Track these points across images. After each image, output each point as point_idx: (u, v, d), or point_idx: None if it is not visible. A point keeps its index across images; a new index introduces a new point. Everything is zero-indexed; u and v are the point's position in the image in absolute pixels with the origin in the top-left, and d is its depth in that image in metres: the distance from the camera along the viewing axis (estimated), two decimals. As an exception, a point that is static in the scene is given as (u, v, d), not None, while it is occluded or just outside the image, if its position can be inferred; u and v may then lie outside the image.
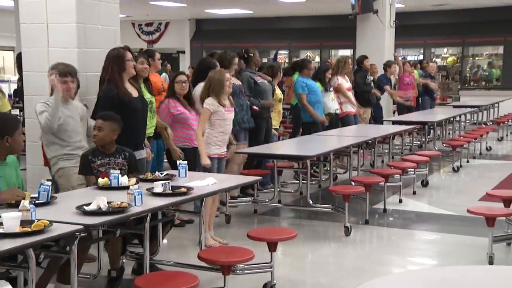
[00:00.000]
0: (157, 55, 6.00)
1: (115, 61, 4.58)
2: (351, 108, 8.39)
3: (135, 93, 4.68)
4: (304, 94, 7.40)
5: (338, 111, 8.02)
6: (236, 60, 6.15)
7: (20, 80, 7.90)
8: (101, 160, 4.04)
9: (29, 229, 2.75)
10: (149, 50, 5.76)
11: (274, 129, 7.01)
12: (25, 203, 2.97)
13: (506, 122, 11.90)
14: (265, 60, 15.04)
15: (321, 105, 7.58)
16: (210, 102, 4.91)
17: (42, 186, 3.34)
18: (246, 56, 6.70)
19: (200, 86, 5.43)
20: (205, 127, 4.94)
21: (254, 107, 6.31)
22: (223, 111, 4.94)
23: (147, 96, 5.05)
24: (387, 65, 9.95)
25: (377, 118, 9.75)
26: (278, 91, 7.13)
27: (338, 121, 8.04)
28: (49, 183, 3.37)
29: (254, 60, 6.67)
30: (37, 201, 3.25)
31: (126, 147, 4.21)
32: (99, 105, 4.60)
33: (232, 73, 6.15)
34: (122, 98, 4.51)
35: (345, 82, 8.41)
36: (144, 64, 5.22)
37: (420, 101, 11.37)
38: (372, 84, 9.25)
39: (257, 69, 6.85)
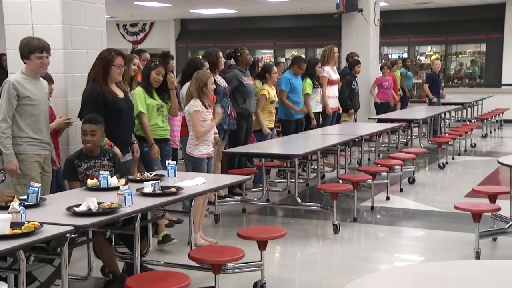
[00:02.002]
0: (145, 55, 5.97)
1: (102, 62, 4.58)
2: (333, 104, 8.40)
3: (120, 94, 4.67)
4: (286, 91, 7.42)
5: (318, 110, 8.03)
6: (220, 53, 6.16)
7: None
8: (87, 164, 4.02)
9: (19, 231, 2.74)
10: (138, 51, 5.79)
11: (269, 128, 7.03)
12: (15, 205, 2.96)
13: (489, 119, 12.04)
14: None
15: (300, 106, 7.58)
16: (197, 104, 4.94)
17: (31, 188, 3.33)
18: (234, 56, 6.74)
19: (186, 87, 5.44)
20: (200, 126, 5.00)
21: (232, 111, 6.31)
22: (205, 112, 4.98)
23: (158, 101, 5.05)
24: (350, 56, 9.87)
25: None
26: (272, 92, 7.12)
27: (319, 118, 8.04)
28: (38, 184, 3.36)
29: (242, 59, 6.69)
30: (26, 203, 3.24)
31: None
32: (84, 104, 4.58)
33: (222, 68, 6.18)
34: (106, 98, 4.50)
35: (332, 74, 8.39)
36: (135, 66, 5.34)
37: (428, 100, 11.51)
38: (357, 89, 9.21)
39: (247, 67, 6.84)
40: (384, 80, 10.49)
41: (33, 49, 4.29)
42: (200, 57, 6.40)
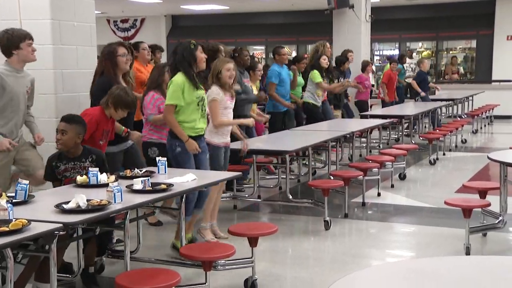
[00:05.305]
0: (143, 45, 5.94)
1: (107, 56, 4.66)
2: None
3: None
4: (275, 83, 7.43)
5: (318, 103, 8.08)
6: (221, 47, 6.08)
7: None
8: (66, 165, 3.89)
9: (6, 229, 2.71)
10: (136, 44, 5.81)
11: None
12: (2, 202, 2.93)
13: (480, 114, 12.09)
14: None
15: (287, 98, 7.61)
16: (216, 92, 4.81)
17: (19, 184, 3.30)
18: (232, 55, 6.74)
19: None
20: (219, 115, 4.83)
21: None
22: (225, 100, 4.88)
23: (200, 92, 4.54)
24: (343, 55, 9.87)
25: (350, 114, 9.85)
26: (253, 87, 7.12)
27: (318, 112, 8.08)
28: (27, 181, 3.33)
29: (240, 59, 6.68)
30: (14, 200, 3.20)
31: (93, 148, 4.08)
32: (96, 95, 4.59)
33: None
34: None
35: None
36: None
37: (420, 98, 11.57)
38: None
39: (244, 69, 6.85)
40: (365, 79, 10.42)
41: (23, 37, 4.25)
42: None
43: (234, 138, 6.45)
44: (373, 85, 12.53)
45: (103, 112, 4.37)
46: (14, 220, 2.79)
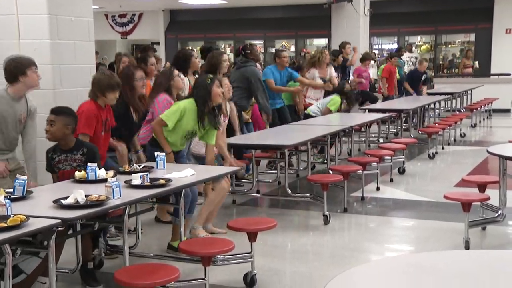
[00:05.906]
0: (151, 60, 5.59)
1: (124, 81, 4.61)
2: (311, 101, 8.39)
3: (134, 115, 4.79)
4: (271, 80, 7.39)
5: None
6: (225, 57, 6.07)
7: None
8: (59, 157, 3.93)
9: (5, 225, 2.70)
10: (144, 57, 5.62)
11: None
12: (0, 198, 2.92)
13: (479, 108, 12.08)
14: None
15: (276, 100, 7.56)
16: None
17: (17, 180, 3.29)
18: (243, 53, 6.74)
19: None
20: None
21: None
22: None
23: (194, 130, 4.59)
24: (341, 47, 9.83)
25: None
26: None
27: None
28: (25, 177, 3.32)
29: (251, 56, 6.72)
30: (12, 196, 3.19)
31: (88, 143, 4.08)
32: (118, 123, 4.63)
33: (225, 71, 6.09)
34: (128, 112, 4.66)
35: (318, 79, 8.34)
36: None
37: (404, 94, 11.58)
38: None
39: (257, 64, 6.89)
40: (363, 71, 10.38)
41: (29, 64, 4.14)
42: (190, 48, 6.38)
43: (230, 133, 6.50)
44: (375, 80, 12.53)
45: (96, 103, 4.35)
46: (12, 216, 2.78)
